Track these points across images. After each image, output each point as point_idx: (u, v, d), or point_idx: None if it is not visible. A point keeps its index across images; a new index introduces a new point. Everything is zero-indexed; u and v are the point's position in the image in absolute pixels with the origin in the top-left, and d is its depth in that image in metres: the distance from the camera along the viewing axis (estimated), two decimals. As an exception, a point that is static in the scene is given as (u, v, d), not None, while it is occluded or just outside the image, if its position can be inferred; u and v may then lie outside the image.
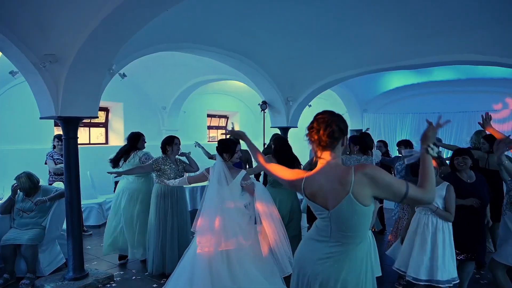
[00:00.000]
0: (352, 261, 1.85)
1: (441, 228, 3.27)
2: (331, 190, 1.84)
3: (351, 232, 1.83)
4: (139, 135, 5.08)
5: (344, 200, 1.79)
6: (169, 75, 8.15)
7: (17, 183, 4.47)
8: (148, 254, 4.60)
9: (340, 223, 1.83)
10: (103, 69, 4.17)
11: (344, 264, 1.84)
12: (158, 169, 4.61)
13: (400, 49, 5.88)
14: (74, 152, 4.23)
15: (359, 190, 1.77)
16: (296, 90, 7.22)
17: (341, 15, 4.97)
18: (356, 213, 1.79)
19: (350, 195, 1.77)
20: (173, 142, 4.72)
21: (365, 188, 1.77)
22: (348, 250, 1.85)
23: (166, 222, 4.53)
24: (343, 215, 1.81)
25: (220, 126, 11.85)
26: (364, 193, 1.78)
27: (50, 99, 3.93)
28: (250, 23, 5.13)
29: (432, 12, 4.80)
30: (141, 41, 4.65)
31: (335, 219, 1.84)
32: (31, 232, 4.37)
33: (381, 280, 3.65)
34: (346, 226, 1.82)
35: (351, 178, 1.77)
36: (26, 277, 4.26)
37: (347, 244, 1.85)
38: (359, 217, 1.81)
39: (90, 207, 6.73)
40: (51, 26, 3.65)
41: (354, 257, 1.85)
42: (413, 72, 8.28)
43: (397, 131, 10.11)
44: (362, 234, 1.87)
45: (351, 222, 1.81)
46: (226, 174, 3.52)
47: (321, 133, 1.87)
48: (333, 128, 1.87)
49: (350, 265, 1.84)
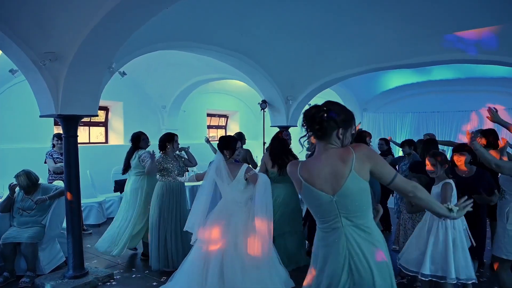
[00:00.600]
0: (373, 239, 1.87)
1: (454, 226, 3.28)
2: (333, 172, 1.85)
3: (359, 211, 1.85)
4: (138, 135, 5.12)
5: (348, 178, 1.81)
6: (169, 74, 8.16)
7: (15, 182, 4.47)
8: (151, 251, 4.61)
9: (349, 203, 1.84)
10: (103, 67, 4.17)
11: (367, 244, 1.85)
12: (161, 168, 4.66)
13: (400, 48, 5.88)
14: (74, 151, 4.23)
15: (360, 165, 1.82)
16: (296, 89, 7.22)
17: (341, 14, 4.97)
18: (361, 189, 1.83)
19: (353, 171, 1.80)
20: (173, 139, 4.78)
21: (365, 163, 1.83)
22: (364, 230, 1.86)
23: (170, 219, 4.57)
24: (350, 194, 1.83)
25: (220, 126, 11.85)
26: (365, 168, 1.83)
27: (50, 97, 3.93)
28: (250, 22, 5.14)
29: (431, 11, 4.80)
30: (141, 39, 4.65)
31: (342, 202, 1.84)
32: (31, 230, 4.37)
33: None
34: (355, 205, 1.84)
35: (352, 156, 1.81)
36: (26, 275, 4.27)
37: (361, 225, 1.86)
38: (364, 193, 1.85)
39: (90, 206, 6.74)
40: (51, 24, 3.65)
41: (371, 235, 1.87)
42: (412, 71, 8.30)
43: (397, 130, 10.13)
44: (370, 211, 1.90)
45: (358, 200, 1.84)
46: (228, 171, 3.54)
47: (317, 122, 1.88)
48: (330, 116, 1.87)
49: (374, 243, 1.87)
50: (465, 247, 3.25)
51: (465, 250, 3.24)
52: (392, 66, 6.59)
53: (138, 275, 4.51)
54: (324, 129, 1.87)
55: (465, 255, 3.22)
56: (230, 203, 3.56)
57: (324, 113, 1.86)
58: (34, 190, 4.56)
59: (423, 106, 9.66)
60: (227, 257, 3.39)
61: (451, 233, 3.20)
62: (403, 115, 10.15)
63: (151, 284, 4.24)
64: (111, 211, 7.26)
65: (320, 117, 1.86)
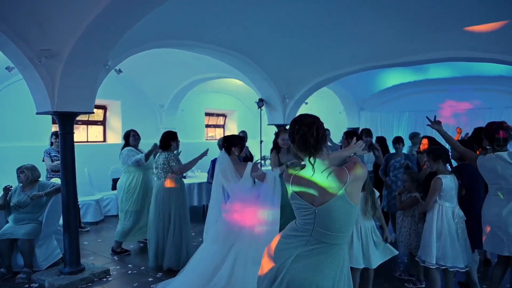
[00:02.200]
0: (330, 265, 1.84)
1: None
2: (322, 188, 1.83)
3: (335, 231, 1.83)
4: (128, 133, 5.34)
5: (335, 196, 1.79)
6: (166, 73, 8.19)
7: (13, 180, 4.51)
8: (149, 248, 4.66)
9: (326, 221, 1.82)
10: (98, 64, 4.20)
11: (322, 268, 1.82)
12: (165, 166, 4.64)
13: (396, 46, 5.91)
14: (70, 148, 4.26)
15: (352, 188, 1.81)
16: (293, 87, 7.26)
17: (337, 12, 5.00)
18: (345, 210, 1.82)
19: (343, 191, 1.79)
20: (176, 137, 4.82)
21: (358, 184, 1.84)
22: (327, 252, 1.84)
23: (170, 217, 4.56)
24: (331, 212, 1.81)
25: (218, 125, 11.88)
26: (357, 190, 1.85)
27: (46, 95, 3.96)
28: (247, 20, 5.16)
29: (427, 9, 4.83)
30: (137, 37, 4.68)
31: (321, 217, 1.82)
32: (28, 227, 4.40)
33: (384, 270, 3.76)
34: (332, 224, 1.82)
35: (347, 179, 1.79)
36: (23, 271, 4.30)
37: (327, 245, 1.84)
38: (346, 215, 1.83)
39: (87, 204, 6.77)
40: (47, 21, 3.68)
41: (332, 262, 1.84)
42: (409, 70, 8.33)
43: (394, 129, 10.15)
44: (345, 235, 1.88)
45: (338, 220, 1.82)
46: (234, 170, 3.58)
47: (315, 137, 1.85)
48: (321, 132, 1.88)
49: (328, 270, 1.83)
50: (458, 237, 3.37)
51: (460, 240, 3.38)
52: (389, 64, 6.61)
53: (135, 271, 4.54)
54: (320, 145, 1.87)
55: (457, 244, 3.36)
56: (240, 200, 3.58)
57: (315, 130, 1.86)
58: (32, 186, 4.61)
59: (420, 105, 9.68)
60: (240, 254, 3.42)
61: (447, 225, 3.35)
62: (400, 114, 10.18)
63: (146, 280, 4.27)
64: (108, 209, 7.32)
65: (311, 134, 1.85)
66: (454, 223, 3.40)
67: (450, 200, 3.44)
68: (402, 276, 4.23)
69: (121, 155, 5.27)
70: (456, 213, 3.44)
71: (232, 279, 3.31)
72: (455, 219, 3.41)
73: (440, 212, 3.42)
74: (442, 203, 3.44)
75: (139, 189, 5.22)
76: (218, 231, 3.55)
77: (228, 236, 3.46)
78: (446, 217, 3.40)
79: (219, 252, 3.49)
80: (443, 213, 3.41)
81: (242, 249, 3.42)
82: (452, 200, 3.45)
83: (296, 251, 1.87)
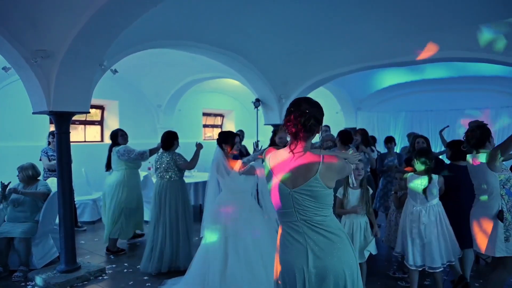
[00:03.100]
0: (340, 248, 1.89)
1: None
2: (297, 171, 1.89)
3: (313, 212, 1.89)
4: (116, 132, 5.40)
5: (309, 180, 1.86)
6: (164, 73, 8.22)
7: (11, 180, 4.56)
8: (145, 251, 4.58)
9: (303, 203, 1.88)
10: (94, 64, 4.24)
11: (336, 252, 1.87)
12: (168, 166, 4.64)
13: (392, 46, 5.93)
14: (66, 147, 4.30)
15: (326, 174, 1.87)
16: (289, 87, 7.29)
17: (333, 12, 5.02)
18: (319, 193, 1.88)
19: (317, 175, 1.85)
20: (178, 137, 4.87)
21: (331, 174, 1.89)
22: (322, 229, 1.89)
23: (177, 215, 4.52)
24: (306, 195, 1.87)
25: (216, 125, 11.91)
26: (331, 178, 1.90)
27: (42, 94, 4.00)
28: (242, 20, 5.18)
29: (422, 9, 4.86)
30: (132, 38, 4.71)
31: (297, 199, 1.88)
32: (24, 226, 4.44)
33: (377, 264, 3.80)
34: (309, 205, 1.88)
35: (319, 166, 1.85)
36: (19, 269, 4.34)
37: (317, 223, 1.89)
38: (322, 197, 1.89)
39: (84, 203, 6.81)
40: (43, 21, 3.71)
41: (340, 241, 1.90)
42: (406, 70, 8.36)
43: (390, 129, 10.20)
44: (327, 211, 1.93)
45: (314, 202, 1.88)
46: (225, 165, 3.63)
47: (299, 127, 1.88)
48: (311, 122, 1.88)
49: (341, 252, 1.88)
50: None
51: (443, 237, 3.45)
52: (384, 64, 6.63)
53: (130, 270, 4.57)
54: (312, 131, 1.90)
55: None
56: (229, 195, 3.63)
57: (310, 117, 1.88)
58: (32, 184, 4.68)
59: (416, 105, 9.75)
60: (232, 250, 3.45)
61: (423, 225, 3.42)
62: (397, 113, 10.23)
63: (142, 279, 4.30)
64: (106, 209, 7.34)
65: (310, 124, 1.88)
66: (421, 223, 3.43)
67: (417, 200, 3.50)
68: (396, 274, 4.27)
69: (117, 152, 5.20)
70: (427, 213, 3.46)
71: (226, 275, 3.34)
72: (424, 219, 3.44)
73: (409, 211, 3.51)
74: (412, 202, 3.53)
75: (133, 187, 5.30)
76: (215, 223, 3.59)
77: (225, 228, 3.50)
78: (413, 216, 3.48)
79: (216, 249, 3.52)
80: (412, 213, 3.50)
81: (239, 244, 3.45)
82: (417, 200, 3.51)
83: (297, 244, 1.90)
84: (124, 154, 5.17)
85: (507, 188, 3.04)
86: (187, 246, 4.50)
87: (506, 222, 3.01)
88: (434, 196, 3.50)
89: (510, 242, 2.99)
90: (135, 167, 5.42)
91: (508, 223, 3.02)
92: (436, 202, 3.52)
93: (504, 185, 3.07)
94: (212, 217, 3.61)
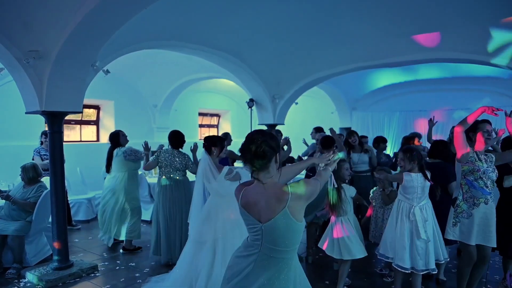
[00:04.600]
0: (285, 280, 1.89)
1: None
2: (267, 206, 1.88)
3: (282, 246, 1.88)
4: (117, 133, 5.35)
5: (279, 214, 1.84)
6: (160, 73, 8.27)
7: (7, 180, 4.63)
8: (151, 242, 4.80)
9: (273, 237, 1.87)
10: (86, 65, 4.29)
11: (275, 280, 1.88)
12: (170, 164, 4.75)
13: (385, 47, 5.99)
14: (59, 147, 4.36)
15: (294, 205, 1.85)
16: (282, 87, 7.36)
17: (326, 12, 5.06)
18: (290, 227, 1.86)
19: (286, 209, 1.84)
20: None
21: (300, 203, 1.88)
22: (278, 265, 1.89)
23: (170, 214, 4.66)
24: (276, 229, 1.86)
25: (212, 125, 11.97)
26: (299, 208, 1.88)
27: (34, 94, 4.05)
28: (235, 20, 5.22)
29: (416, 9, 4.89)
30: (125, 38, 4.77)
31: (268, 233, 1.87)
32: (18, 224, 4.50)
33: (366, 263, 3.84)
34: (279, 240, 1.87)
35: (288, 197, 1.84)
36: (13, 267, 4.40)
37: (276, 259, 1.89)
38: (292, 232, 1.88)
39: (79, 202, 6.86)
40: (35, 22, 3.76)
41: (287, 275, 1.90)
42: (400, 70, 8.43)
43: (384, 128, 10.27)
44: (293, 249, 1.93)
45: (284, 236, 1.87)
46: (213, 170, 3.67)
47: (253, 155, 1.88)
48: (264, 149, 1.88)
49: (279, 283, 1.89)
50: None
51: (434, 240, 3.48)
52: (377, 65, 6.69)
53: (122, 267, 4.64)
54: (268, 160, 1.90)
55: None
56: (217, 198, 3.66)
57: (264, 145, 1.88)
58: (32, 184, 4.75)
59: (410, 105, 9.82)
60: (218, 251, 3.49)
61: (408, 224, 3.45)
62: (391, 113, 10.30)
63: (133, 275, 4.37)
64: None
65: (262, 150, 1.88)
66: (410, 221, 3.43)
67: (414, 199, 3.51)
68: (383, 271, 4.33)
69: (123, 153, 5.15)
70: (415, 212, 3.45)
71: (212, 278, 3.39)
72: (412, 218, 3.43)
73: (405, 212, 3.50)
74: (403, 198, 3.54)
75: (136, 187, 5.38)
76: (200, 228, 3.64)
77: (208, 232, 3.54)
78: (402, 213, 3.49)
79: (204, 249, 3.58)
80: (402, 209, 3.51)
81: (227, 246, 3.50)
82: (412, 197, 3.51)
83: (247, 269, 1.91)
84: (132, 154, 5.17)
85: (470, 180, 3.26)
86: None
87: (458, 209, 3.31)
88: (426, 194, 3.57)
89: (458, 227, 3.30)
90: (137, 168, 5.42)
91: (461, 210, 3.30)
92: (427, 200, 3.57)
93: (466, 175, 3.28)
94: (201, 220, 3.66)
